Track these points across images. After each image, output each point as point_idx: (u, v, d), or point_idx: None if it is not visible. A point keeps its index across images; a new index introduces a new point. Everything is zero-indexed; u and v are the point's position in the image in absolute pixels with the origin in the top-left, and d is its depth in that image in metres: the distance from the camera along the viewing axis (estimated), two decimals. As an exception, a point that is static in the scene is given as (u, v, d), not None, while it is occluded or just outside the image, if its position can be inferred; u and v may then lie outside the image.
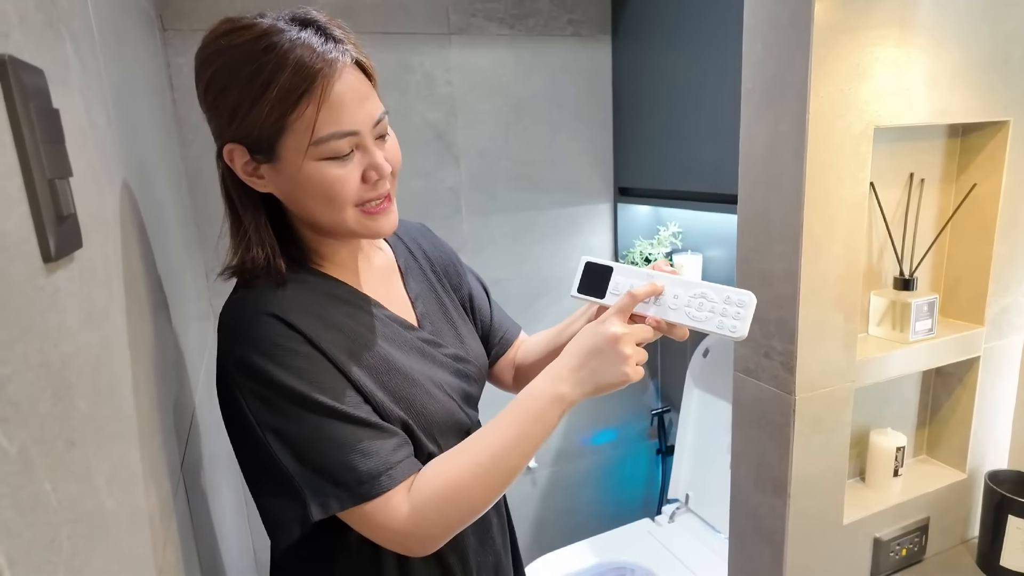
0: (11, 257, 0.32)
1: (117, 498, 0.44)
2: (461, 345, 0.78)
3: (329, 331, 0.64)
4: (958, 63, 0.81)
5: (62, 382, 0.37)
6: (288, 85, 0.57)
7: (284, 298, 0.63)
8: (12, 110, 0.34)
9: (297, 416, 0.60)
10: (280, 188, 0.63)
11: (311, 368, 0.61)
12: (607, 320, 0.62)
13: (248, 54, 0.57)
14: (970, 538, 1.02)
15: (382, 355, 0.67)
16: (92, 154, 0.50)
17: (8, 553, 0.27)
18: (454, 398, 0.73)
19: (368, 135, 0.62)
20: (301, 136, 0.59)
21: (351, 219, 0.64)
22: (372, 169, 0.62)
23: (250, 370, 0.60)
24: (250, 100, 0.58)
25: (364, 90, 0.62)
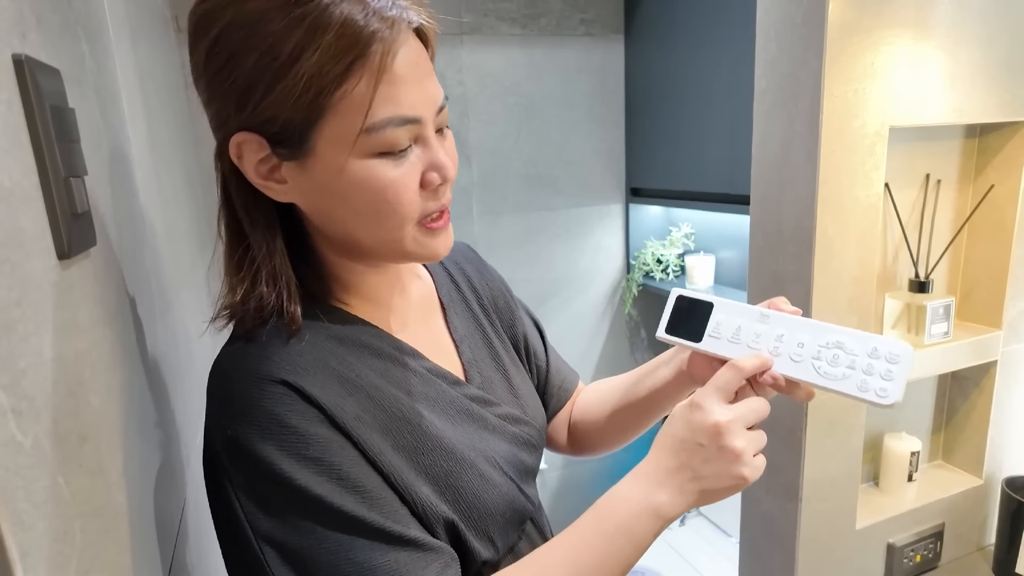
0: (27, 253, 0.33)
1: (129, 493, 0.45)
2: (516, 402, 0.61)
3: (356, 401, 0.47)
4: (976, 62, 0.80)
5: (75, 377, 0.37)
6: (333, 49, 0.41)
7: (298, 355, 0.46)
8: (29, 109, 0.34)
9: (308, 529, 0.43)
10: (307, 196, 0.47)
11: (332, 460, 0.44)
12: (704, 403, 0.47)
13: (272, 6, 0.41)
14: (986, 545, 1.00)
15: (424, 429, 0.50)
16: (107, 153, 0.51)
17: (21, 545, 0.28)
18: (512, 478, 0.55)
19: (430, 125, 0.47)
20: (348, 121, 0.43)
21: (409, 238, 0.48)
22: (434, 170, 0.47)
23: (245, 458, 0.43)
24: (274, 71, 0.41)
25: (427, 65, 0.46)
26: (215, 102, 0.45)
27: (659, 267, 1.72)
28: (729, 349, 0.52)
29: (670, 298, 0.57)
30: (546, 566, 0.47)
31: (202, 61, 0.44)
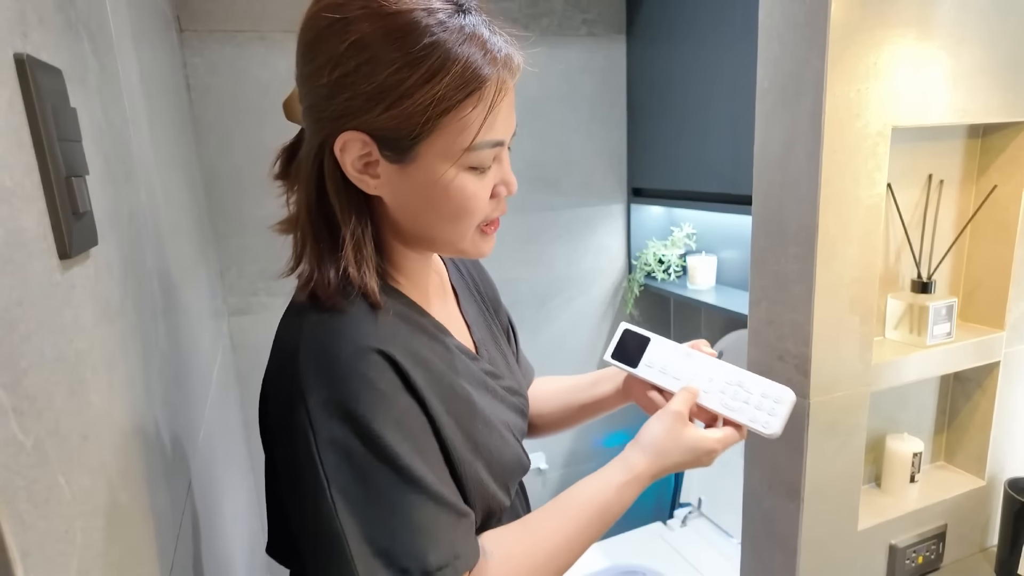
0: (29, 253, 0.32)
1: (131, 493, 0.45)
2: (513, 377, 0.70)
3: (420, 372, 0.53)
4: (979, 62, 0.79)
5: (76, 377, 0.37)
6: (459, 81, 0.47)
7: (383, 327, 0.52)
8: (31, 109, 0.34)
9: (384, 484, 0.49)
10: (398, 194, 0.53)
11: (411, 424, 0.51)
12: (705, 438, 0.61)
13: (412, 28, 0.46)
14: (988, 546, 1.00)
15: (467, 398, 0.57)
16: (109, 153, 0.51)
17: (22, 545, 0.28)
18: (518, 439, 0.65)
19: (506, 147, 0.56)
20: (454, 139, 0.50)
21: (468, 237, 0.57)
22: (503, 185, 0.56)
23: (343, 419, 0.48)
24: (405, 88, 0.47)
25: (513, 96, 0.54)
26: (337, 98, 0.48)
27: (661, 267, 1.72)
28: (658, 377, 0.68)
29: (618, 330, 0.72)
30: (542, 534, 0.58)
31: (335, 57, 0.47)
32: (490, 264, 1.63)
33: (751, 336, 0.87)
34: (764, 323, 0.84)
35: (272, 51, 1.32)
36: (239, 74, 1.30)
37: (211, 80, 1.28)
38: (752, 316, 0.86)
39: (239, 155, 1.33)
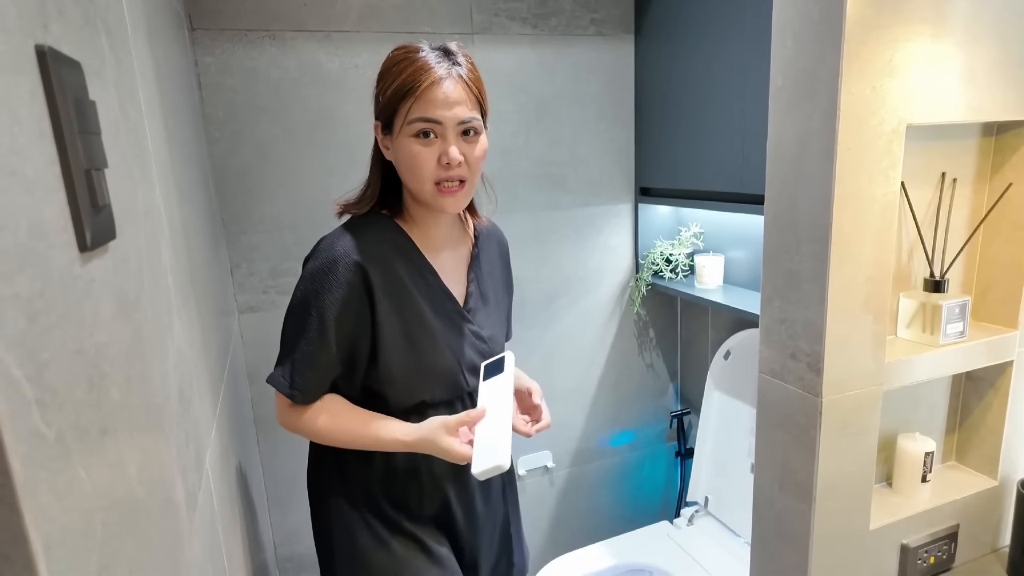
0: (49, 245, 0.32)
1: (147, 487, 0.45)
2: (488, 328, 0.99)
3: (387, 278, 0.88)
4: (995, 60, 0.79)
5: (96, 370, 0.37)
6: (404, 82, 0.83)
7: (367, 244, 0.88)
8: (52, 100, 0.34)
9: (309, 323, 0.87)
10: (393, 156, 0.88)
11: (347, 301, 0.86)
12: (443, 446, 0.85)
13: (394, 62, 0.85)
14: (1001, 547, 0.99)
15: (417, 311, 0.90)
16: (126, 147, 0.51)
17: (45, 538, 0.28)
18: (460, 362, 0.94)
19: (450, 129, 0.84)
20: (403, 116, 0.83)
21: (427, 191, 0.86)
22: (444, 155, 0.84)
23: (310, 279, 0.87)
24: (384, 88, 0.86)
25: (459, 97, 0.84)
26: (373, 102, 0.90)
27: (668, 267, 1.71)
28: (480, 393, 0.92)
29: (505, 356, 0.94)
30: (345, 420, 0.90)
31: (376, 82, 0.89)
32: (498, 263, 1.62)
33: (763, 334, 0.87)
34: (776, 321, 0.84)
35: (283, 50, 1.32)
36: (250, 73, 1.30)
37: (222, 79, 1.29)
38: (764, 314, 0.86)
39: (250, 154, 1.33)
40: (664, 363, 1.92)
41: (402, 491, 0.95)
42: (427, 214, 0.92)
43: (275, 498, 1.50)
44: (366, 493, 0.95)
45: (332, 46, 1.35)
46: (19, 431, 0.27)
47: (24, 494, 0.26)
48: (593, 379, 1.83)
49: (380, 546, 0.95)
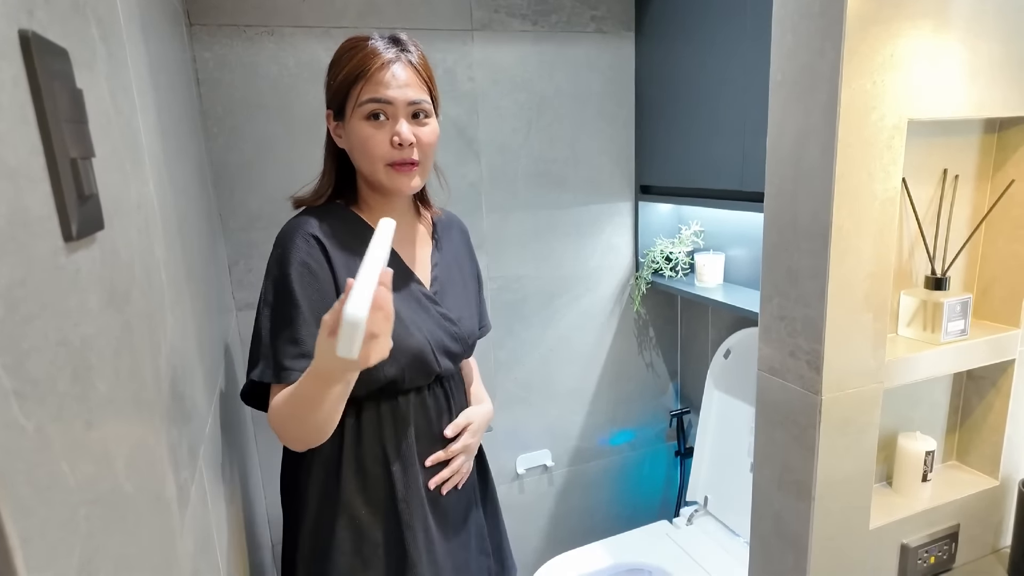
0: (32, 234, 0.32)
1: (135, 482, 0.44)
2: (456, 310, 0.98)
3: (345, 258, 0.88)
4: (997, 56, 0.78)
5: (81, 362, 0.36)
6: (354, 67, 0.85)
7: (324, 226, 0.89)
8: (35, 86, 0.34)
9: (279, 305, 0.86)
10: (346, 143, 0.90)
11: (312, 281, 0.86)
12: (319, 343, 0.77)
13: (343, 51, 0.88)
14: (1002, 548, 0.99)
15: None
16: (117, 139, 0.51)
17: (23, 532, 0.27)
18: (430, 342, 0.92)
19: (400, 109, 0.86)
20: (353, 99, 0.85)
21: (380, 172, 0.88)
22: (396, 135, 0.85)
23: (276, 264, 0.87)
24: (335, 77, 0.87)
25: (408, 80, 0.86)
26: (324, 93, 0.92)
27: (668, 265, 1.70)
28: None
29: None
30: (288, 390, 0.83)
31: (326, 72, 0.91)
32: (497, 261, 1.63)
33: (762, 332, 0.86)
34: (776, 319, 0.83)
35: (281, 46, 1.31)
36: (248, 69, 1.30)
37: (220, 74, 1.28)
38: (763, 312, 0.85)
39: (248, 150, 1.33)
40: (664, 362, 1.91)
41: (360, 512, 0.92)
42: (382, 200, 0.94)
43: (272, 495, 1.49)
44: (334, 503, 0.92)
45: (331, 42, 1.34)
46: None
47: (0, 487, 0.25)
48: (592, 378, 1.82)
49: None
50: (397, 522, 0.93)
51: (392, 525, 0.93)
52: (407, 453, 0.93)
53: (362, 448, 0.92)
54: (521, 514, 1.80)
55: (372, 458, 0.92)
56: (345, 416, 0.89)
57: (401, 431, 0.93)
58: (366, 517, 0.92)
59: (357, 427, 0.91)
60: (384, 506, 0.93)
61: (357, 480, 0.92)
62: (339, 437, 0.91)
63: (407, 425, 0.93)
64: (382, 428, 0.92)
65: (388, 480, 0.92)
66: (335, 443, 0.91)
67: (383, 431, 0.92)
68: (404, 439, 0.93)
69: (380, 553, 0.93)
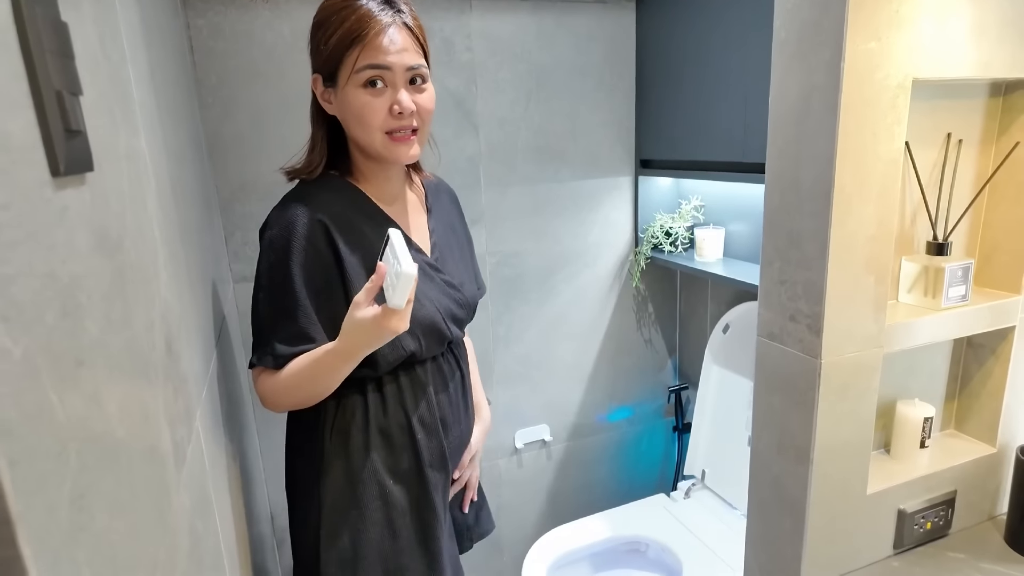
0: (14, 160, 0.31)
1: (128, 430, 0.44)
2: (458, 276, 0.99)
3: (345, 233, 0.86)
4: (1005, 14, 0.77)
5: (70, 299, 0.36)
6: (348, 30, 0.80)
7: (326, 201, 0.87)
8: (18, 13, 0.33)
9: (277, 291, 0.86)
10: (339, 110, 0.86)
11: (311, 262, 0.85)
12: (352, 315, 0.81)
13: (332, 11, 0.82)
14: (998, 514, 0.99)
15: None
16: (105, 84, 0.49)
17: (8, 453, 0.27)
18: (439, 311, 0.93)
19: (398, 76, 0.83)
20: (349, 65, 0.81)
21: (378, 141, 0.85)
22: (396, 103, 0.83)
23: (270, 247, 0.86)
24: (325, 38, 0.82)
25: (404, 44, 0.82)
26: (310, 56, 0.87)
27: (668, 240, 1.70)
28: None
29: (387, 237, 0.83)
30: (299, 365, 0.86)
31: (309, 37, 0.86)
32: (496, 236, 1.62)
33: (762, 297, 0.86)
34: (776, 283, 0.83)
35: (276, 14, 1.29)
36: (242, 37, 1.28)
37: (214, 43, 1.26)
38: (764, 277, 0.85)
39: (243, 120, 1.31)
40: (663, 338, 1.91)
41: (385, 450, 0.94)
42: (377, 168, 0.91)
43: (271, 471, 1.50)
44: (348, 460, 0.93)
45: (327, 10, 1.33)
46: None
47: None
48: (591, 353, 1.82)
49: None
50: (422, 488, 0.94)
51: (416, 491, 0.94)
52: (430, 420, 0.95)
53: (388, 419, 0.93)
54: (519, 488, 1.81)
55: (398, 428, 0.93)
56: (367, 391, 0.91)
57: (422, 397, 0.95)
58: (393, 487, 0.93)
59: (381, 400, 0.92)
60: (410, 474, 0.94)
61: (385, 451, 0.93)
62: (363, 412, 0.92)
63: (426, 391, 0.95)
64: (403, 396, 0.93)
65: (414, 448, 0.94)
66: (359, 415, 0.92)
67: (405, 399, 0.93)
68: (427, 406, 0.95)
69: (407, 520, 0.94)
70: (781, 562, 0.88)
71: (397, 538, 0.94)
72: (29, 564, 0.27)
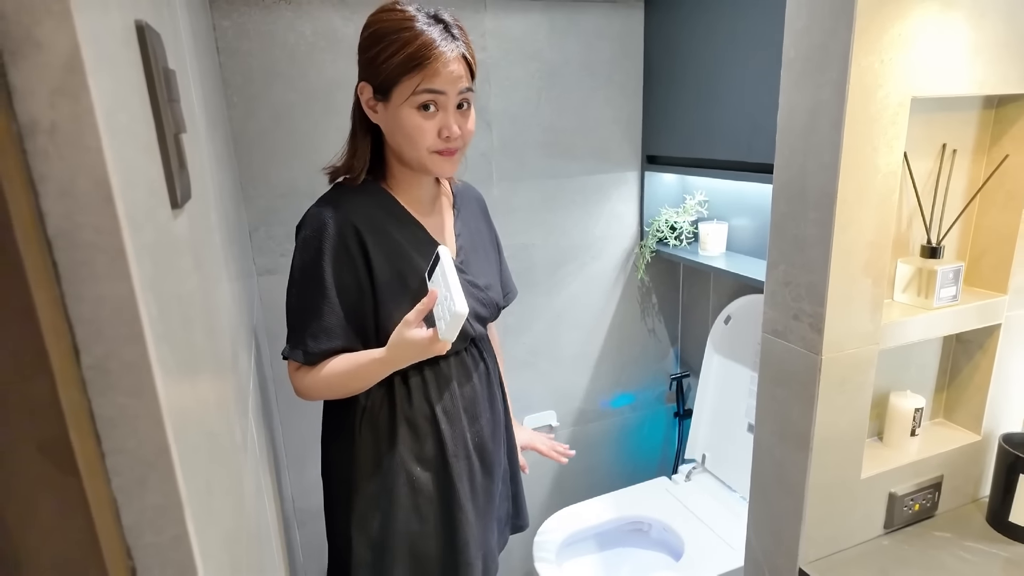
0: (155, 201, 0.37)
1: (219, 424, 0.50)
2: (483, 278, 1.05)
3: (375, 235, 0.93)
4: (999, 34, 0.82)
5: (187, 315, 0.42)
6: (411, 56, 0.84)
7: (360, 204, 0.94)
8: (148, 71, 0.38)
9: (309, 288, 0.92)
10: (384, 122, 0.91)
11: (341, 261, 0.92)
12: (401, 333, 0.89)
13: (393, 27, 0.85)
14: (981, 497, 1.07)
15: (412, 263, 0.95)
16: (187, 113, 0.55)
17: (179, 450, 0.33)
18: None
19: (451, 99, 0.88)
20: (407, 89, 0.86)
21: (424, 157, 0.91)
22: (445, 128, 0.89)
23: (304, 246, 0.93)
24: (385, 56, 0.85)
25: (460, 72, 0.88)
26: (360, 63, 0.91)
27: (673, 234, 1.76)
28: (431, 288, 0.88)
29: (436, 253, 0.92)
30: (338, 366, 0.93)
31: (360, 44, 0.90)
32: (507, 229, 1.67)
33: (768, 297, 0.92)
34: (781, 285, 0.89)
35: (299, 15, 1.33)
36: (266, 37, 1.32)
37: (239, 43, 1.30)
38: (769, 278, 0.91)
39: (266, 118, 1.36)
40: (665, 328, 1.98)
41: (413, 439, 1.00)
42: (412, 176, 0.97)
43: (293, 454, 1.57)
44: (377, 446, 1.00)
45: (347, 11, 1.36)
46: (158, 359, 0.31)
47: (165, 409, 0.31)
48: (597, 343, 1.89)
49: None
50: (447, 475, 1.00)
51: (442, 479, 1.01)
52: (453, 411, 1.01)
53: (413, 409, 0.99)
54: (528, 471, 1.88)
55: (423, 417, 0.99)
56: (393, 381, 0.98)
57: (445, 389, 1.00)
58: (420, 474, 0.99)
59: (406, 391, 0.98)
60: (435, 462, 1.00)
61: (411, 439, 0.99)
62: (390, 402, 0.98)
63: (450, 384, 1.01)
64: (428, 389, 0.99)
65: (438, 437, 1.00)
66: (386, 406, 0.98)
67: (429, 392, 0.99)
68: (450, 398, 1.01)
69: (433, 507, 1.00)
70: (781, 540, 0.96)
71: (424, 523, 1.00)
72: (193, 540, 0.33)
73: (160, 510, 0.31)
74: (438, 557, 1.02)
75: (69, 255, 0.27)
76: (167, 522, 0.31)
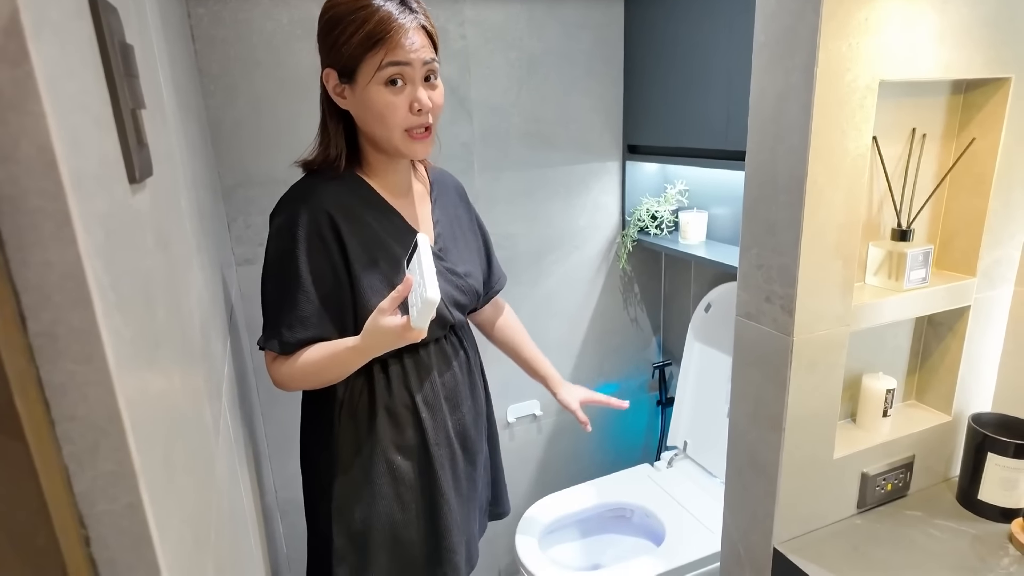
0: (112, 176, 0.37)
1: (187, 403, 0.50)
2: (463, 265, 1.04)
3: (351, 224, 0.92)
4: (964, 19, 0.83)
5: (148, 292, 0.42)
6: (371, 32, 0.83)
7: (333, 192, 0.92)
8: (103, 45, 0.38)
9: (284, 276, 0.92)
10: (354, 106, 0.89)
11: (314, 250, 0.90)
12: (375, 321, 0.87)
13: (349, 8, 0.84)
14: (951, 476, 1.09)
15: (390, 251, 0.94)
16: (149, 90, 0.54)
17: (130, 410, 0.33)
18: (443, 298, 0.96)
19: (417, 72, 0.86)
20: (371, 66, 0.84)
21: (397, 138, 0.88)
22: (415, 101, 0.87)
23: (278, 234, 0.92)
24: (345, 37, 0.84)
25: (423, 42, 0.86)
26: (321, 51, 0.89)
27: (654, 223, 1.77)
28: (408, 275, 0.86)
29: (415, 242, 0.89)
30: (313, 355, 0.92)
31: (318, 31, 0.88)
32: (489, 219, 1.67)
33: (741, 280, 0.93)
34: (754, 267, 0.90)
35: (276, 3, 1.32)
36: (243, 25, 1.31)
37: (215, 31, 1.29)
38: (743, 261, 0.92)
39: (244, 107, 1.35)
40: (648, 317, 1.99)
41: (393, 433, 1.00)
42: (386, 162, 0.95)
43: (275, 445, 1.56)
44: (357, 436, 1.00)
45: (324, -1, 1.36)
46: (108, 327, 0.31)
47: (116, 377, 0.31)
48: (580, 332, 1.90)
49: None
50: (428, 463, 1.00)
51: (423, 466, 1.01)
52: (434, 400, 1.01)
53: (393, 398, 0.98)
54: (512, 460, 1.89)
55: (403, 406, 0.99)
56: (372, 370, 0.97)
57: (426, 378, 1.00)
58: (401, 462, 0.99)
59: (386, 380, 0.98)
60: (417, 450, 1.00)
61: (391, 427, 0.99)
62: (369, 391, 0.98)
63: (430, 372, 1.00)
64: (407, 377, 0.98)
65: (419, 425, 1.00)
66: (365, 396, 0.98)
67: (409, 380, 0.99)
68: (430, 385, 1.00)
69: (415, 495, 1.01)
70: (755, 521, 0.97)
71: (406, 511, 1.00)
72: (148, 510, 0.33)
73: (113, 477, 0.31)
74: (421, 543, 1.02)
75: (14, 219, 0.27)
76: (120, 490, 0.31)
